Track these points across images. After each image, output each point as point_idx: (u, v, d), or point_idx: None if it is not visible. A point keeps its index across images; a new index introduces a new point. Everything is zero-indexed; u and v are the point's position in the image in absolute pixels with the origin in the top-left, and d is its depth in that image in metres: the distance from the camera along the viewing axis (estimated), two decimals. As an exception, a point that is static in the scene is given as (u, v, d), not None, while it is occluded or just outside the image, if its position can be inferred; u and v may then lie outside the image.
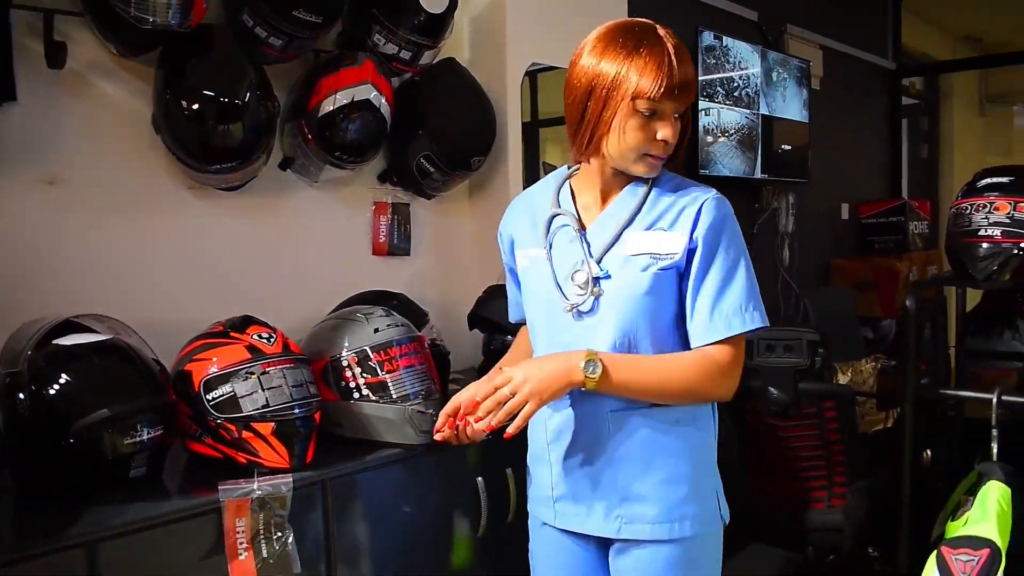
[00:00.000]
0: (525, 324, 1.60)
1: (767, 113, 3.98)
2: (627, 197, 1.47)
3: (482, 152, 2.45)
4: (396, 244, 2.53)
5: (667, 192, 1.45)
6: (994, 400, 1.75)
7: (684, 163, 3.55)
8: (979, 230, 1.92)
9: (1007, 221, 1.91)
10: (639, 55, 1.34)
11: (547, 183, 1.56)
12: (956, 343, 3.07)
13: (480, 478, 1.85)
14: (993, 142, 7.53)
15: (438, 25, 2.29)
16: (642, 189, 1.46)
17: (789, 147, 4.15)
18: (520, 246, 1.55)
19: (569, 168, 1.54)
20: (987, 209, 1.94)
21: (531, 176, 2.78)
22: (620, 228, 1.44)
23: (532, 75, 2.83)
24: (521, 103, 2.68)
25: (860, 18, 5.42)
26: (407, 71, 2.37)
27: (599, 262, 1.43)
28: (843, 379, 3.47)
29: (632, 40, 1.35)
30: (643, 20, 1.41)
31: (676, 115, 1.39)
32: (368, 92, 2.12)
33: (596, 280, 1.42)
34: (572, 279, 1.44)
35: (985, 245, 1.90)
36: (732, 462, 2.68)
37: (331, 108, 2.09)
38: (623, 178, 1.46)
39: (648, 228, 1.43)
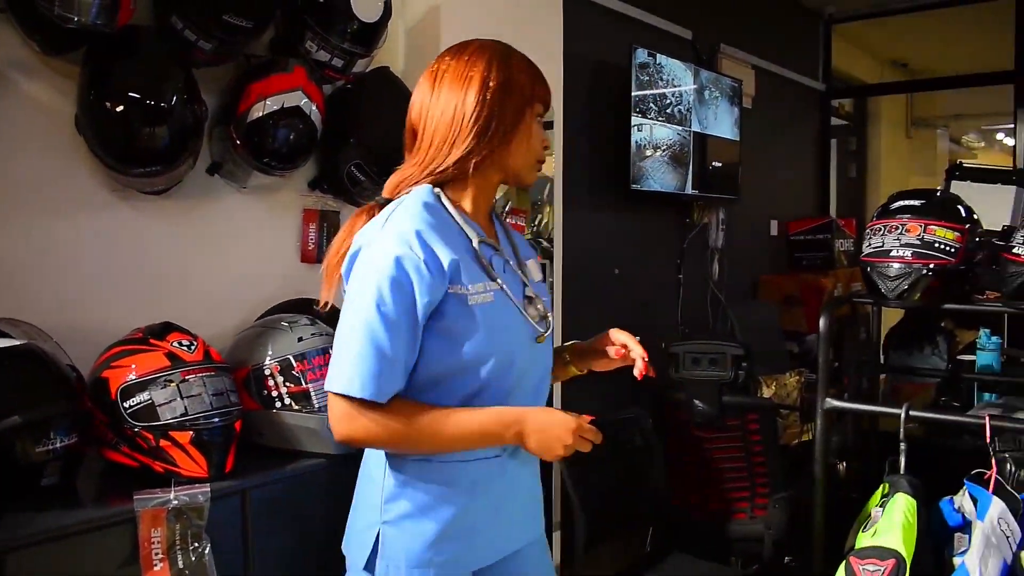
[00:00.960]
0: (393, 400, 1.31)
1: (699, 130, 4.07)
2: (495, 219, 1.52)
3: (413, 162, 2.45)
4: (325, 252, 2.51)
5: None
6: (902, 415, 1.81)
7: (615, 179, 3.65)
8: (891, 251, 1.99)
9: (917, 243, 1.98)
10: (532, 65, 1.43)
11: (432, 208, 1.37)
12: (877, 358, 3.17)
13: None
14: (918, 163, 7.80)
15: (371, 34, 2.29)
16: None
17: (720, 164, 4.24)
18: (469, 280, 1.35)
19: (433, 190, 1.40)
20: (899, 230, 2.01)
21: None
22: (526, 253, 1.53)
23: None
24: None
25: (792, 41, 5.57)
26: (339, 79, 2.36)
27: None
28: (767, 392, 3.56)
29: (514, 50, 1.43)
30: (485, 39, 1.47)
31: None
32: (298, 99, 2.11)
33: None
34: (529, 309, 1.43)
35: (896, 265, 1.96)
36: (656, 473, 2.73)
37: (260, 114, 2.07)
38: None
39: (531, 254, 1.56)
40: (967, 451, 2.23)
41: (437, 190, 1.39)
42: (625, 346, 1.52)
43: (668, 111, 3.83)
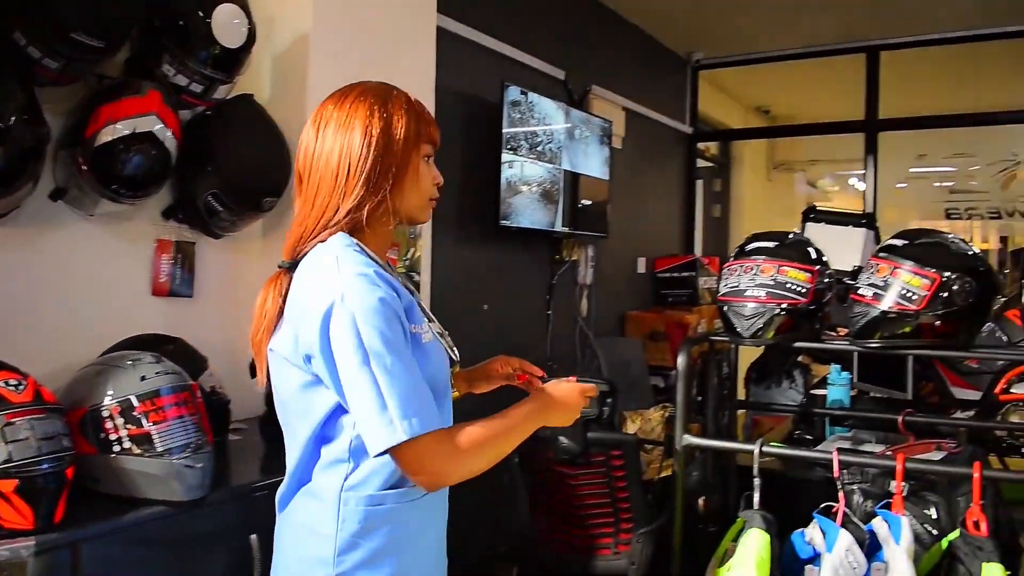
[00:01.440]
0: None
1: (570, 169, 4.13)
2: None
3: (274, 193, 2.38)
4: (178, 285, 2.40)
5: None
6: (756, 451, 1.85)
7: (485, 214, 3.66)
8: (746, 290, 2.05)
9: (771, 283, 2.05)
10: (413, 105, 1.42)
11: (362, 252, 1.36)
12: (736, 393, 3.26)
13: (254, 535, 1.75)
14: (778, 205, 8.17)
15: (233, 60, 2.22)
16: None
17: (590, 202, 4.32)
18: (417, 320, 1.38)
19: (349, 238, 1.38)
20: (754, 271, 2.07)
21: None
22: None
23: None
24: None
25: (661, 85, 5.76)
26: (198, 104, 2.27)
27: None
28: (632, 427, 3.60)
29: (397, 93, 1.42)
30: (370, 82, 1.46)
31: None
32: (152, 124, 2.02)
33: None
34: (445, 341, 1.47)
35: (751, 305, 2.02)
36: (521, 511, 2.70)
37: (109, 138, 1.97)
38: None
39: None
40: (820, 482, 2.31)
41: (347, 235, 1.37)
42: (522, 368, 1.68)
43: (539, 149, 3.88)
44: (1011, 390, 3.77)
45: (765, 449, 1.86)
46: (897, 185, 6.15)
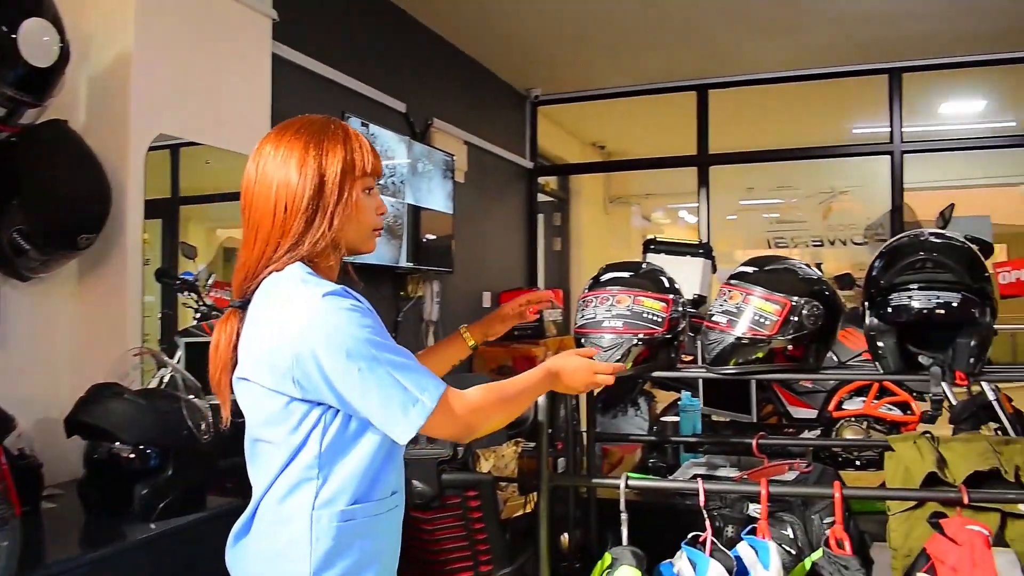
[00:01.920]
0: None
1: (413, 202, 4.03)
2: None
3: (92, 229, 2.15)
4: (-16, 332, 2.13)
5: None
6: (622, 486, 1.81)
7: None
8: (603, 321, 2.01)
9: (627, 313, 2.02)
10: (352, 138, 1.42)
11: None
12: (588, 425, 3.24)
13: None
14: (615, 237, 8.39)
15: (43, 81, 2.00)
16: None
17: (434, 236, 4.24)
18: None
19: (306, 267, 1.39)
20: (609, 302, 2.04)
21: (165, 257, 2.54)
22: None
23: (174, 149, 2.60)
24: (148, 177, 2.43)
25: (501, 119, 5.79)
26: (2, 130, 2.03)
27: None
28: (486, 465, 3.51)
29: (335, 127, 1.42)
30: (315, 116, 1.47)
31: None
32: (-58, 152, 1.78)
33: None
34: None
35: (608, 336, 1.98)
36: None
37: None
38: None
39: None
40: (680, 510, 2.30)
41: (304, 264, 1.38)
42: (529, 301, 1.88)
43: (381, 182, 3.76)
44: (843, 407, 3.98)
45: (632, 484, 1.82)
46: (728, 217, 6.42)
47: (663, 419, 3.12)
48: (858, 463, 3.74)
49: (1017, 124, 6.52)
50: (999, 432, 3.58)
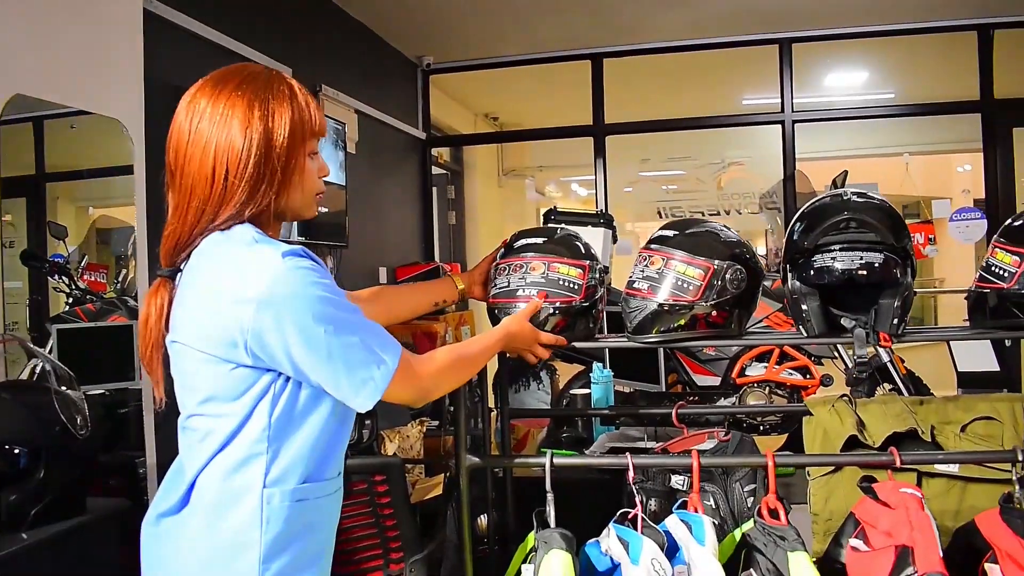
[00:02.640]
0: None
1: (304, 173, 3.82)
2: None
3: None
4: None
5: None
6: (547, 465, 1.70)
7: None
8: (517, 290, 1.91)
9: (542, 280, 1.92)
10: (298, 95, 1.31)
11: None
12: (499, 401, 3.14)
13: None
14: (510, 211, 8.30)
15: None
16: None
17: (326, 210, 4.03)
18: None
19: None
20: (523, 269, 1.94)
21: (31, 239, 2.29)
22: None
23: (37, 121, 2.34)
24: (6, 151, 2.18)
25: (393, 88, 5.59)
26: None
27: None
28: (391, 447, 3.38)
29: (279, 83, 1.30)
30: (255, 65, 1.36)
31: None
32: None
33: None
34: None
35: (522, 306, 1.88)
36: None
37: None
38: None
39: None
40: (596, 483, 2.22)
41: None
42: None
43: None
44: (746, 373, 4.02)
45: (558, 462, 1.72)
46: (625, 189, 6.42)
47: (573, 392, 3.04)
48: (762, 428, 3.78)
49: (895, 95, 6.75)
50: (894, 392, 3.69)
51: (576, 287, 1.95)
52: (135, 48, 2.61)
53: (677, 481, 2.09)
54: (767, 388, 3.93)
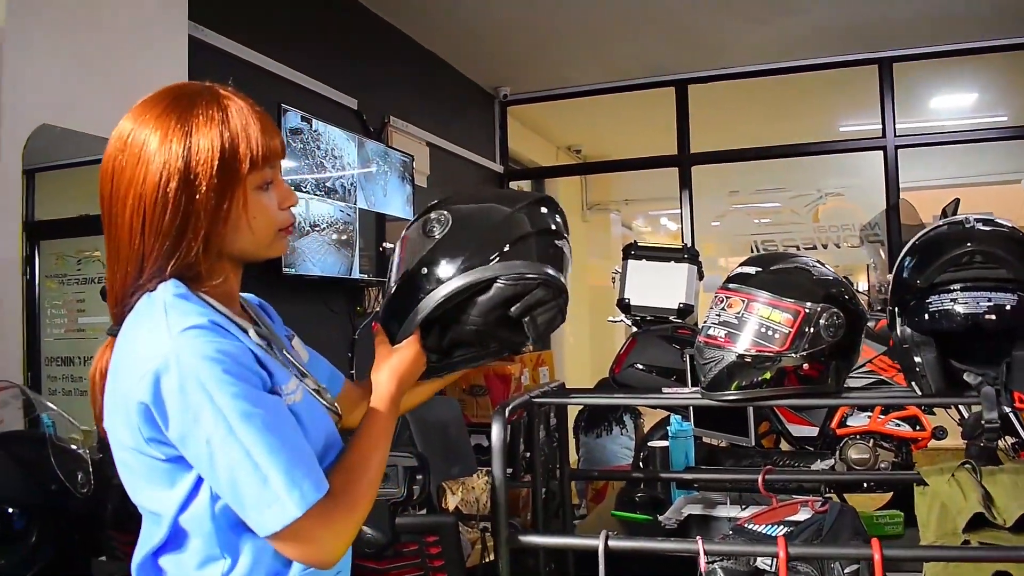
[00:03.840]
0: None
1: (367, 207, 3.65)
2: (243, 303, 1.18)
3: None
4: None
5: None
6: (601, 548, 1.43)
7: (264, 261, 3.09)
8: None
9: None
10: (233, 115, 1.03)
11: (194, 300, 1.02)
12: (561, 462, 2.87)
13: None
14: (595, 247, 8.03)
15: None
16: None
17: (392, 245, 3.85)
18: (281, 378, 1.04)
19: (179, 284, 1.02)
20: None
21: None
22: (283, 331, 1.25)
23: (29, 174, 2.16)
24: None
25: (467, 120, 5.43)
26: None
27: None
28: (453, 500, 3.14)
29: (208, 100, 1.03)
30: (191, 82, 1.08)
31: None
32: None
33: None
34: (324, 397, 1.15)
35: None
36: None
37: None
38: None
39: (289, 331, 1.27)
40: (673, 559, 1.94)
41: (180, 282, 1.02)
42: None
43: (328, 185, 3.38)
44: (847, 423, 3.63)
45: (614, 545, 1.44)
46: (712, 223, 6.07)
47: (651, 443, 2.74)
48: (865, 484, 3.38)
49: (1008, 117, 6.25)
50: (1016, 447, 3.25)
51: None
52: (179, 74, 2.48)
53: (764, 561, 1.77)
54: (871, 440, 3.52)
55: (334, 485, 0.99)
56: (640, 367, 3.66)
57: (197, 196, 0.99)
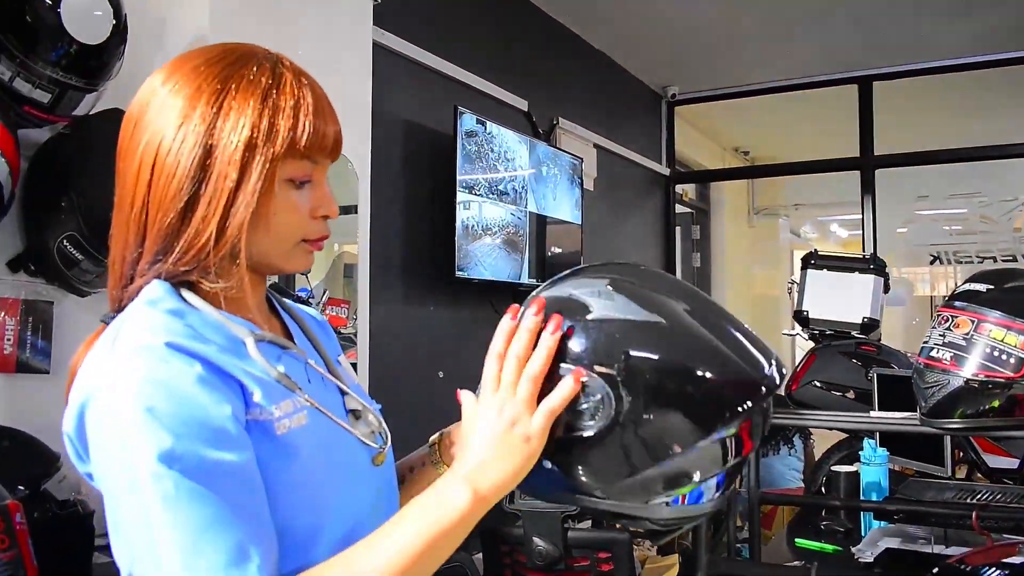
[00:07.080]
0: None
1: (536, 211, 3.61)
2: (279, 309, 1.01)
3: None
4: (29, 357, 1.84)
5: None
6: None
7: (437, 264, 3.13)
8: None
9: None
10: (284, 88, 0.86)
11: (174, 311, 0.82)
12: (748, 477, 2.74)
13: None
14: (760, 253, 7.72)
15: (96, 61, 1.71)
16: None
17: (560, 250, 3.80)
18: (270, 399, 0.82)
19: (162, 285, 0.84)
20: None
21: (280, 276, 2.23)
22: (333, 350, 1.05)
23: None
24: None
25: (634, 120, 5.33)
26: (48, 119, 1.74)
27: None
28: (620, 514, 3.05)
29: (260, 66, 0.86)
30: (246, 44, 0.90)
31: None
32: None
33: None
34: (358, 425, 0.93)
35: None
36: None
37: None
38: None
39: (338, 350, 1.08)
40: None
41: (166, 284, 0.84)
42: None
43: (500, 188, 3.36)
44: (1054, 457, 3.29)
45: (823, 582, 1.32)
46: (898, 229, 5.68)
47: (834, 468, 2.56)
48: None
49: None
50: None
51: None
52: (364, 81, 2.52)
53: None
54: (1085, 475, 3.17)
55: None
56: (819, 385, 3.46)
57: (216, 167, 0.82)
